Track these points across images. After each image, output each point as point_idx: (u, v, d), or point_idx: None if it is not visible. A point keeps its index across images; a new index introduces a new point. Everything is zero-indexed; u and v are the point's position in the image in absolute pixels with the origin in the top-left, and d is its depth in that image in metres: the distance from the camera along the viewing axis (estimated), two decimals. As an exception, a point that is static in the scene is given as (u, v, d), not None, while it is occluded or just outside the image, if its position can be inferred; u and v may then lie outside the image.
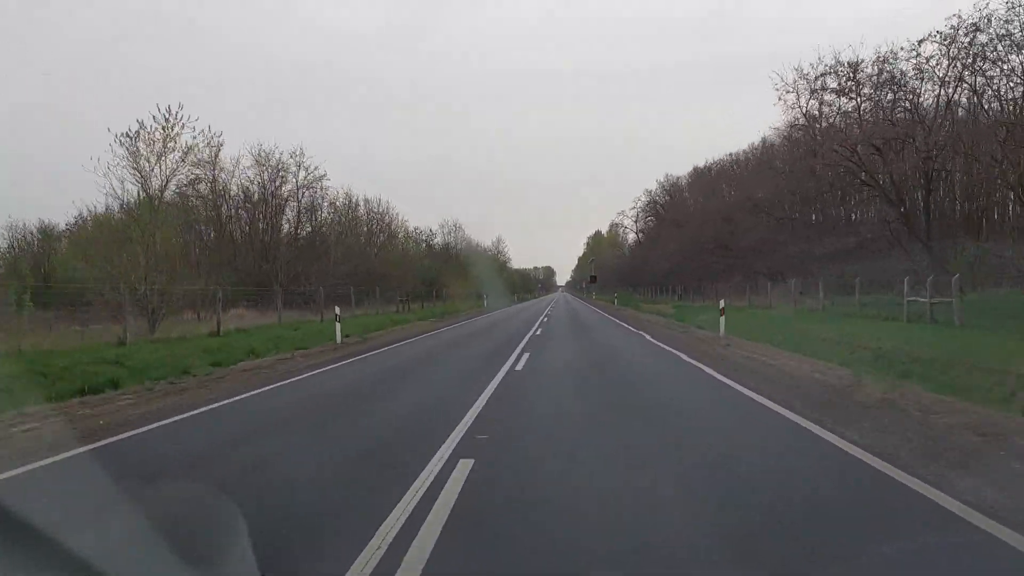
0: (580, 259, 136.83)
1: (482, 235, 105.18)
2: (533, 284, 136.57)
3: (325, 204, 40.26)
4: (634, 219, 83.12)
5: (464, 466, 4.85)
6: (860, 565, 3.14)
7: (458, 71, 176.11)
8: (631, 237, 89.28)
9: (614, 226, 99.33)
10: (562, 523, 3.78)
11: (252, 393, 9.34)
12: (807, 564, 3.20)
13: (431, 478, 4.58)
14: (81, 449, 5.98)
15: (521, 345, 15.61)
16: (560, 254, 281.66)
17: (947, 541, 3.44)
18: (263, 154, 36.45)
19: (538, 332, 20.77)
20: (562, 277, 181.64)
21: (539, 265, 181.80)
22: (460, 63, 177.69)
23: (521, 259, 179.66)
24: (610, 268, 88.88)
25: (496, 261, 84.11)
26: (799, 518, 3.76)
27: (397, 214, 51.01)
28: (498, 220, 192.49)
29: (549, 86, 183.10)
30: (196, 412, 7.84)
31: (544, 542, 3.49)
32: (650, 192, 76.80)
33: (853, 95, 30.80)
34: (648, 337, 17.68)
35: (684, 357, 12.45)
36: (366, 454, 5.63)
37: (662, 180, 73.55)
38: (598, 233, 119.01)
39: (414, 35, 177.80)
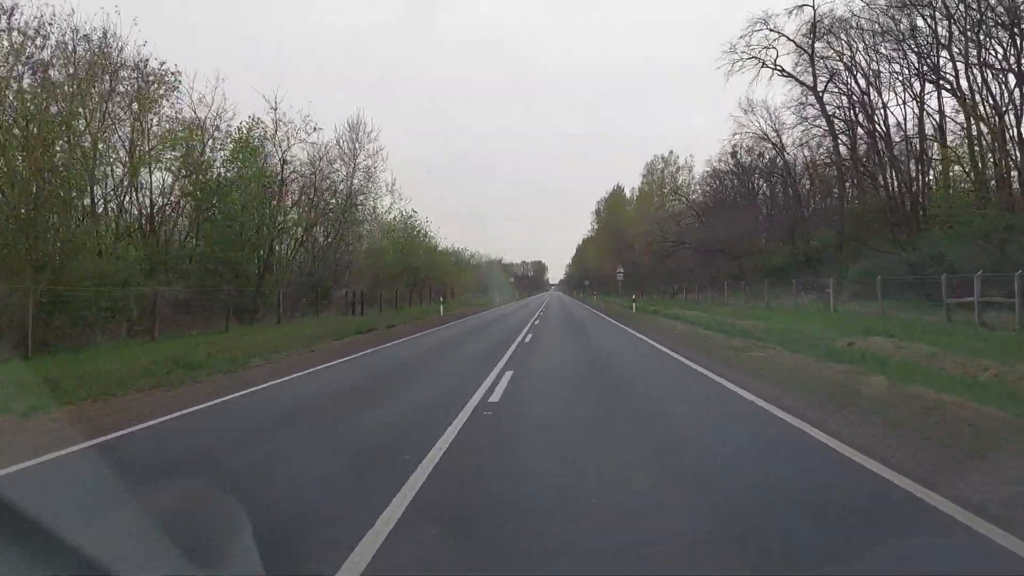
0: (579, 247, 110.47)
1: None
2: (498, 279, 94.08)
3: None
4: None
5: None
6: None
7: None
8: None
9: (648, 174, 65.81)
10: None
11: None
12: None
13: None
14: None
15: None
16: (553, 252, 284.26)
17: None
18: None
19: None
20: (555, 274, 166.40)
21: (528, 260, 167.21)
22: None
23: (512, 255, 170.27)
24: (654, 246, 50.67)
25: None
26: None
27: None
28: (485, 213, 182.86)
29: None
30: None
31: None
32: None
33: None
34: None
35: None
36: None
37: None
38: (617, 191, 79.05)
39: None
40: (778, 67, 32.54)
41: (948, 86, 25.86)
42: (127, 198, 19.64)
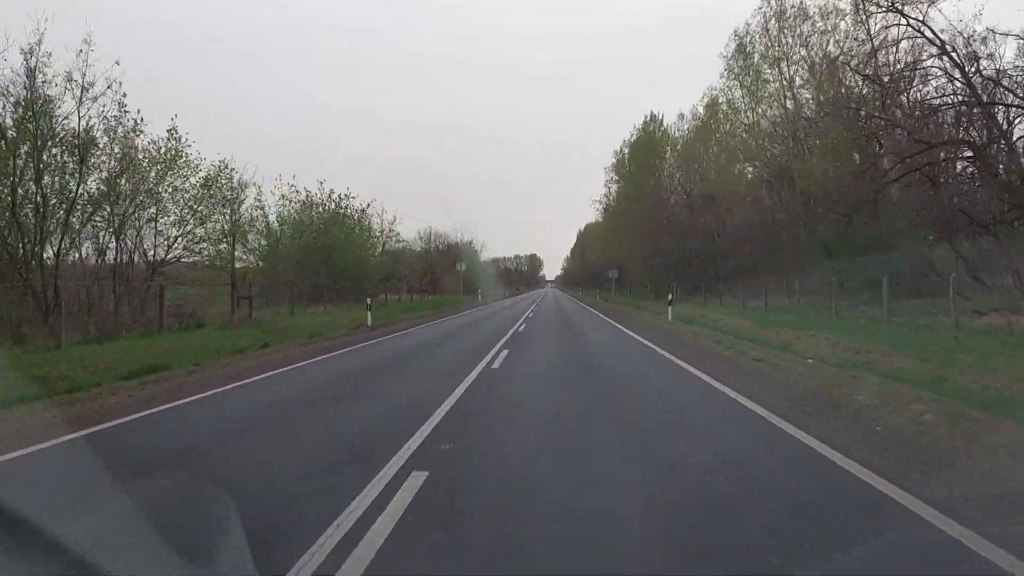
0: (581, 234, 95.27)
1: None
2: (484, 274, 70.55)
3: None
4: None
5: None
6: None
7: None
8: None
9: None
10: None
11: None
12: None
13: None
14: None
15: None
16: (550, 246, 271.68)
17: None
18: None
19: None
20: (552, 269, 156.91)
21: (521, 254, 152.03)
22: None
23: (505, 249, 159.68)
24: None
25: None
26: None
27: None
28: (477, 206, 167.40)
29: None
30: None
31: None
32: None
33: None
34: None
35: None
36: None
37: None
38: (651, 124, 47.40)
39: None
40: None
41: None
42: None
